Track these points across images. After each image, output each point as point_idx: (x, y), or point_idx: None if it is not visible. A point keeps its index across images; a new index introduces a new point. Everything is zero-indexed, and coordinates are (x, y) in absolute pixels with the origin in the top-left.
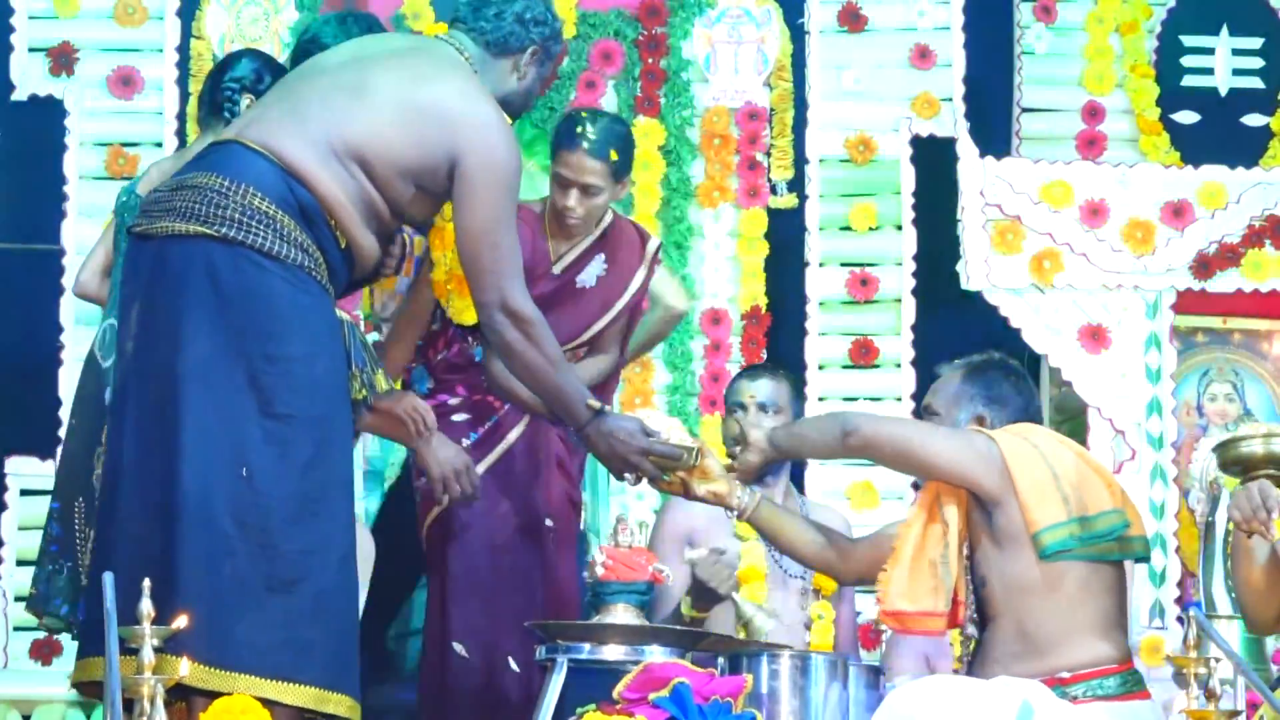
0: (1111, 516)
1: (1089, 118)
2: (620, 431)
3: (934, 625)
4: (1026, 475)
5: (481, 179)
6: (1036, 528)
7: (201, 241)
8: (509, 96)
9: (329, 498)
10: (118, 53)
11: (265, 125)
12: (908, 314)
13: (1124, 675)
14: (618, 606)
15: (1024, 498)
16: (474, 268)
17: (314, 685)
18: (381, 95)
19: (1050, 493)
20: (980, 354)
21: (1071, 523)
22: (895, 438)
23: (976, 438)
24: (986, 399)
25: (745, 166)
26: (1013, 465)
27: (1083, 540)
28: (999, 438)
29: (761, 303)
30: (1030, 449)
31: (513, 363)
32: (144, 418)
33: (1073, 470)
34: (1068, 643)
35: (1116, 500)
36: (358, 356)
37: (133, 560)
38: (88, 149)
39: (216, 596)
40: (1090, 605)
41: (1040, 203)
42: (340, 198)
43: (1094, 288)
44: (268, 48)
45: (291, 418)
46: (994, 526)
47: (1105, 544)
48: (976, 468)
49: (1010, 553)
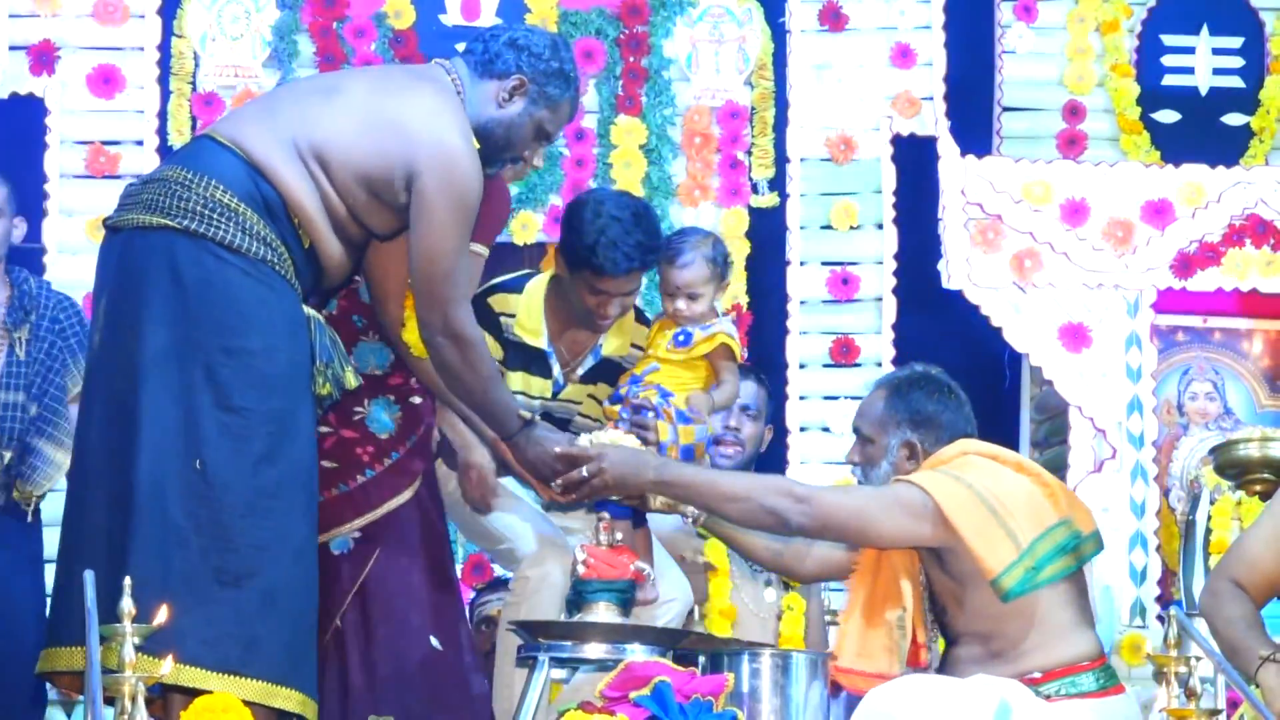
0: (1059, 531)
1: (1070, 117)
2: (546, 441)
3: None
4: (967, 523)
5: (437, 200)
6: (992, 574)
7: (165, 234)
8: (489, 125)
9: (285, 493)
10: (99, 51)
11: (237, 121)
12: (888, 313)
13: (1097, 672)
14: (599, 605)
15: (972, 546)
16: (422, 287)
17: (261, 679)
18: (350, 100)
19: (994, 534)
20: (904, 369)
21: (1024, 557)
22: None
23: (906, 496)
24: (913, 423)
25: (726, 165)
26: (950, 514)
27: (1039, 568)
28: (929, 486)
29: (743, 301)
30: (963, 491)
31: (447, 378)
32: (108, 409)
33: (1011, 494)
34: (1036, 647)
35: (1061, 509)
36: (323, 352)
37: (94, 550)
38: (69, 147)
39: (165, 587)
40: (1055, 614)
41: (1021, 201)
42: (302, 196)
43: (1075, 287)
44: (249, 47)
45: (247, 411)
46: (945, 565)
47: (1060, 560)
48: (919, 530)
49: (967, 588)
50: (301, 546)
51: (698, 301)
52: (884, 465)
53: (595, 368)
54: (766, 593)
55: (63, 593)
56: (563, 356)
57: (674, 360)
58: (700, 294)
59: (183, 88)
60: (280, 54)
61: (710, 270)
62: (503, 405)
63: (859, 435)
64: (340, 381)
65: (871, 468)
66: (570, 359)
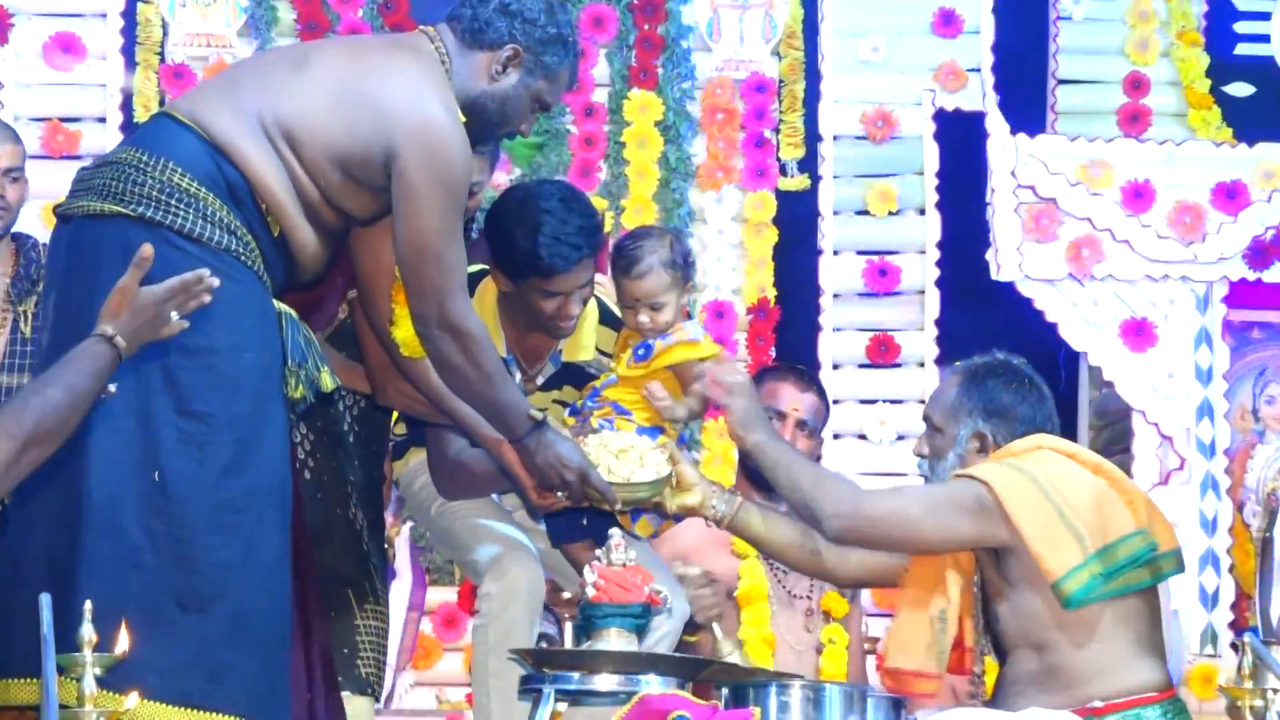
0: (1135, 541)
1: (1132, 90)
2: (557, 444)
3: (926, 686)
4: (1029, 520)
5: (420, 181)
6: (1054, 576)
7: (118, 222)
8: (480, 100)
9: (253, 506)
10: (56, 18)
11: (198, 97)
12: (931, 307)
13: (1165, 705)
14: (610, 631)
15: (1034, 546)
16: (413, 279)
17: (227, 713)
18: (322, 72)
19: (1059, 533)
20: (983, 356)
21: (1091, 561)
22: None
23: (965, 492)
24: (986, 413)
25: (751, 144)
26: (1012, 510)
27: (1108, 576)
28: (991, 479)
29: (770, 295)
30: (1028, 485)
31: (448, 375)
32: None
33: (1083, 493)
34: (1098, 671)
35: (1140, 519)
36: (296, 351)
37: (36, 574)
38: (23, 125)
39: (119, 613)
40: (1121, 633)
41: (1078, 184)
42: (270, 178)
43: (1138, 278)
44: (222, 13)
45: (210, 416)
46: (1003, 567)
47: (1133, 572)
48: (972, 532)
49: (1024, 593)
50: (272, 565)
51: (661, 311)
52: (950, 457)
53: (558, 374)
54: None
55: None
56: (521, 364)
57: (635, 375)
58: (663, 303)
59: (149, 58)
60: (257, 21)
61: (671, 276)
62: (512, 404)
63: (929, 424)
64: (315, 384)
65: (938, 461)
66: (529, 366)
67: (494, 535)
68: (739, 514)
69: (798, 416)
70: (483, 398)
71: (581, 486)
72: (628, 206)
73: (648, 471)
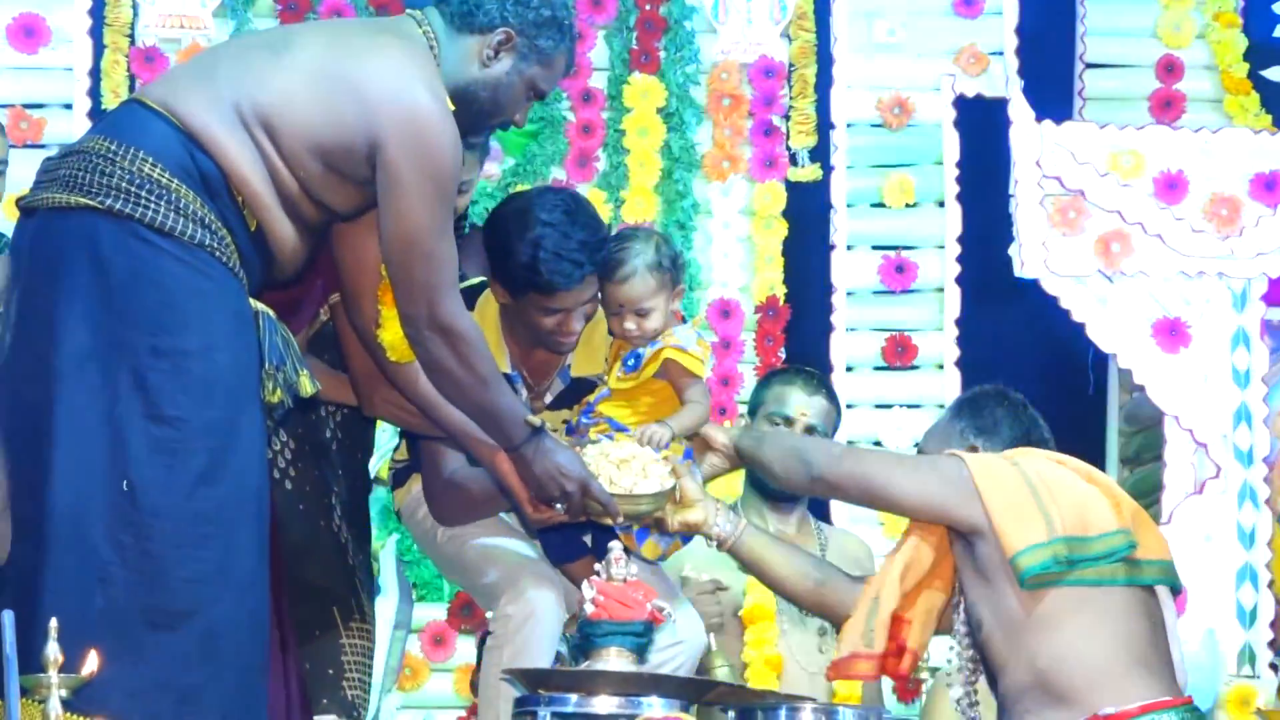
0: (1114, 537)
1: (1165, 74)
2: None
3: (861, 668)
4: (997, 494)
5: (407, 173)
6: (1012, 551)
7: (85, 215)
8: (471, 86)
9: (227, 517)
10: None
11: (171, 83)
12: (951, 306)
13: (1181, 711)
14: (610, 651)
15: (996, 520)
16: (401, 278)
17: None
18: (302, 57)
19: (1027, 511)
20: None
21: (1055, 543)
22: (858, 481)
23: (943, 461)
24: (977, 429)
25: (760, 132)
26: (982, 485)
27: (1072, 562)
28: (968, 458)
29: (779, 292)
30: (1007, 467)
31: (440, 380)
32: (17, 421)
33: (1067, 490)
34: (1098, 678)
35: (1124, 519)
36: (273, 353)
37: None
38: None
39: (85, 631)
40: (1111, 631)
41: (1108, 175)
42: (246, 169)
43: (1171, 275)
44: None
45: (183, 422)
46: (977, 559)
47: (1106, 566)
48: (945, 497)
49: (1000, 587)
50: (248, 580)
51: (649, 318)
52: None
53: (567, 391)
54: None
55: None
56: (527, 380)
57: (626, 387)
58: (649, 308)
59: (119, 41)
60: (234, 2)
61: (657, 279)
62: (508, 410)
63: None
64: (294, 388)
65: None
66: (536, 383)
67: (509, 555)
68: (742, 535)
69: (806, 421)
70: (477, 403)
71: (582, 499)
72: (628, 199)
73: (651, 483)
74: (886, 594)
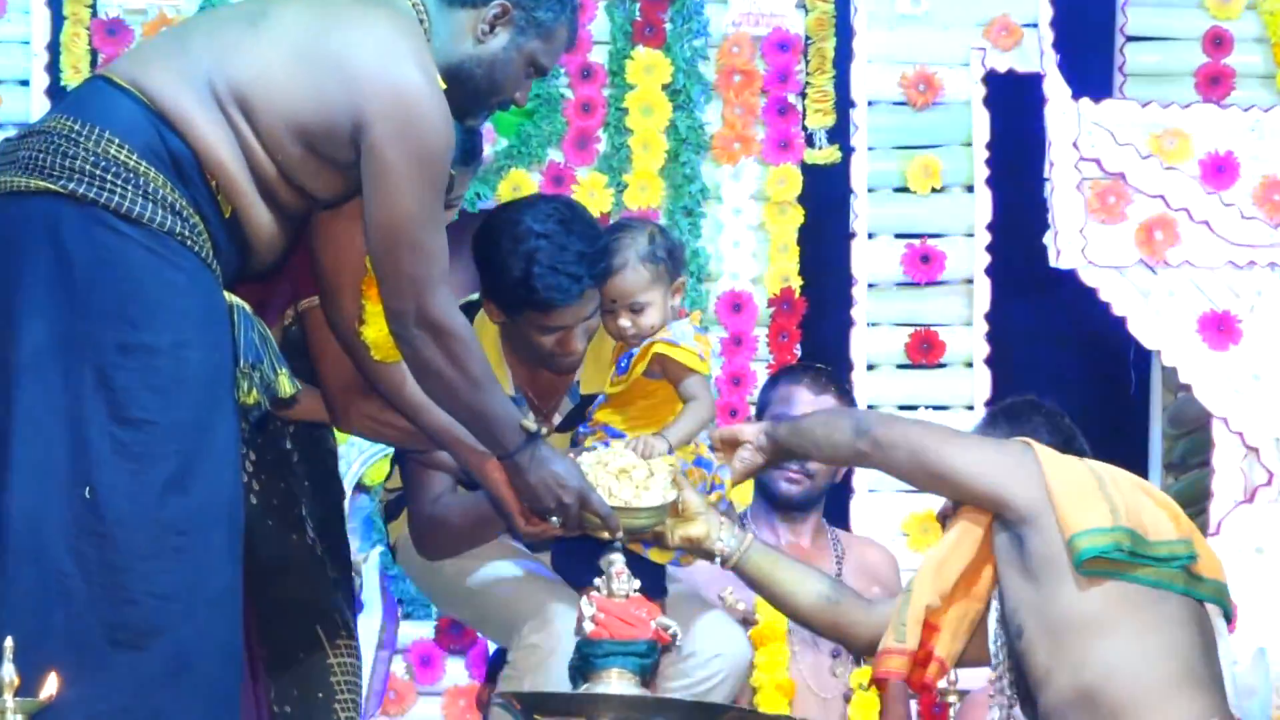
0: (1176, 545)
1: (1212, 48)
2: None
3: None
4: (1062, 478)
5: (395, 156)
6: (1071, 531)
7: (46, 200)
8: (465, 64)
9: (198, 527)
10: None
11: (139, 58)
12: (980, 299)
13: None
14: (611, 672)
15: (1058, 501)
16: (388, 270)
17: None
18: (281, 30)
19: (1092, 497)
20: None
21: (1118, 530)
22: (911, 443)
23: (1010, 444)
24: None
25: (773, 111)
26: (1047, 468)
27: (1133, 555)
28: (1037, 445)
29: (795, 284)
30: (1074, 459)
31: (428, 382)
32: None
33: (1129, 489)
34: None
35: (1183, 531)
36: (249, 350)
37: None
38: None
39: (44, 651)
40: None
41: (1150, 157)
42: (220, 150)
43: (1219, 265)
44: None
45: (150, 424)
46: (1026, 553)
47: (1165, 570)
48: (1006, 480)
49: (1050, 586)
50: (220, 597)
51: (644, 314)
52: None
53: (577, 409)
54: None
55: None
56: (533, 402)
57: (620, 391)
58: (644, 303)
59: (80, 13)
60: None
61: (651, 271)
62: (501, 414)
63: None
64: (271, 388)
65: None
66: (544, 404)
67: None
68: (748, 552)
69: None
70: (469, 407)
71: (579, 511)
72: (630, 183)
73: (652, 495)
74: (920, 585)
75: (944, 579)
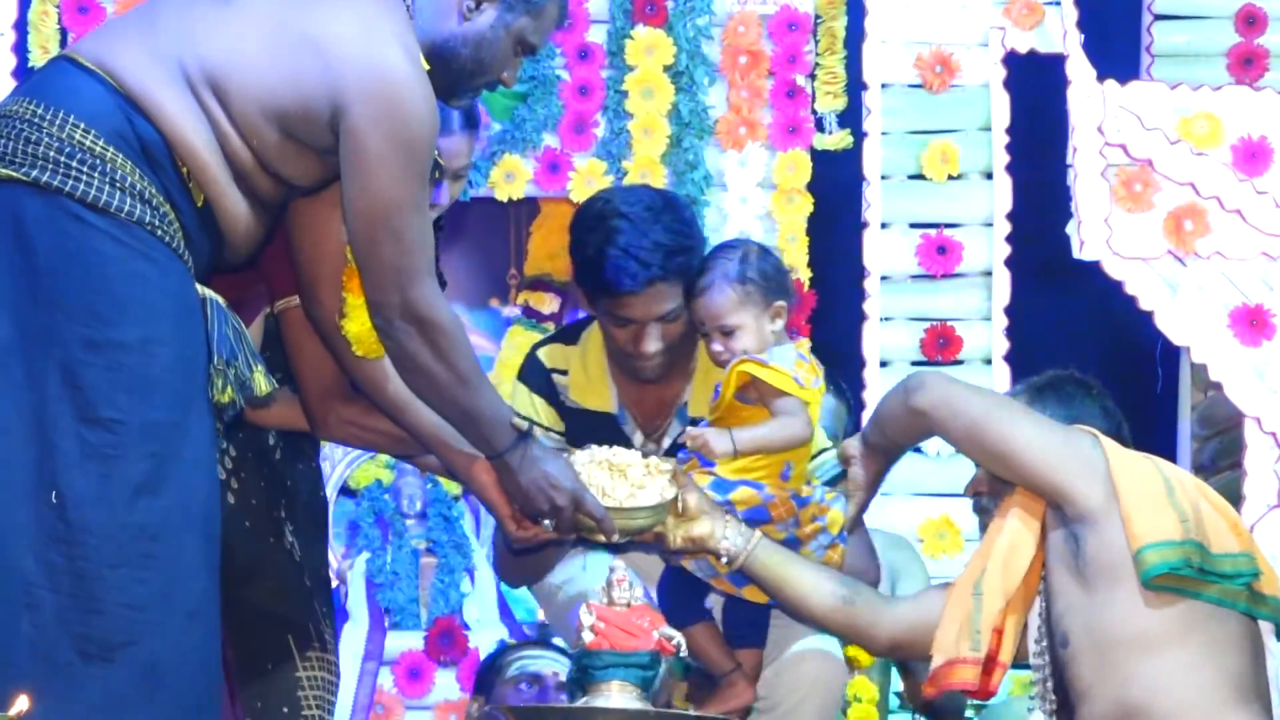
0: (1240, 560)
1: (1245, 27)
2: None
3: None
4: (1131, 478)
5: (375, 140)
6: (1140, 542)
7: (7, 188)
8: (449, 43)
9: (171, 533)
10: None
11: (106, 37)
12: (1000, 293)
13: None
14: (611, 685)
15: (1127, 506)
16: (370, 261)
17: None
18: (256, 8)
19: (1162, 506)
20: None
21: (1189, 545)
22: (973, 414)
23: (1077, 434)
24: (1066, 419)
25: (782, 94)
26: (1117, 470)
27: (1202, 573)
28: (1104, 439)
29: (804, 277)
30: (1142, 457)
31: (413, 378)
32: None
33: (1195, 494)
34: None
35: (1244, 544)
36: (223, 346)
37: None
38: None
39: (10, 663)
40: (1219, 664)
41: (1179, 142)
42: (192, 137)
43: (1251, 256)
44: None
45: (120, 424)
46: (1082, 555)
47: (1231, 588)
48: (1069, 464)
49: (1104, 594)
50: (195, 606)
51: (734, 337)
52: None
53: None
54: None
55: None
56: (639, 421)
57: (715, 417)
58: (735, 325)
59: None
60: None
61: (740, 293)
62: (490, 411)
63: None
64: (247, 385)
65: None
66: (649, 425)
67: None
68: (755, 551)
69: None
70: (456, 404)
71: (573, 514)
72: (630, 170)
73: (649, 495)
74: (991, 584)
75: (1010, 580)
